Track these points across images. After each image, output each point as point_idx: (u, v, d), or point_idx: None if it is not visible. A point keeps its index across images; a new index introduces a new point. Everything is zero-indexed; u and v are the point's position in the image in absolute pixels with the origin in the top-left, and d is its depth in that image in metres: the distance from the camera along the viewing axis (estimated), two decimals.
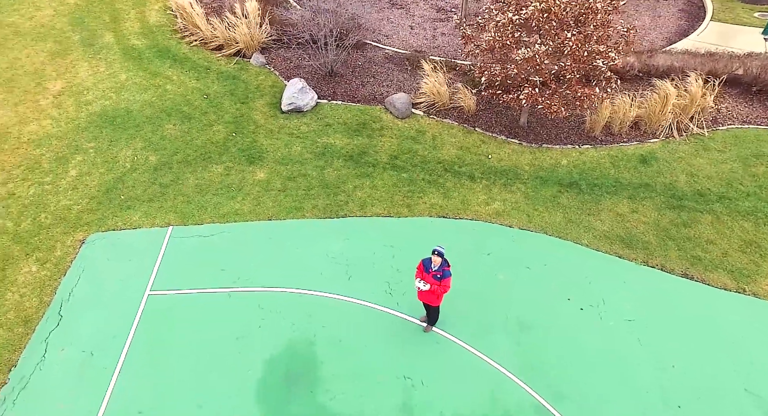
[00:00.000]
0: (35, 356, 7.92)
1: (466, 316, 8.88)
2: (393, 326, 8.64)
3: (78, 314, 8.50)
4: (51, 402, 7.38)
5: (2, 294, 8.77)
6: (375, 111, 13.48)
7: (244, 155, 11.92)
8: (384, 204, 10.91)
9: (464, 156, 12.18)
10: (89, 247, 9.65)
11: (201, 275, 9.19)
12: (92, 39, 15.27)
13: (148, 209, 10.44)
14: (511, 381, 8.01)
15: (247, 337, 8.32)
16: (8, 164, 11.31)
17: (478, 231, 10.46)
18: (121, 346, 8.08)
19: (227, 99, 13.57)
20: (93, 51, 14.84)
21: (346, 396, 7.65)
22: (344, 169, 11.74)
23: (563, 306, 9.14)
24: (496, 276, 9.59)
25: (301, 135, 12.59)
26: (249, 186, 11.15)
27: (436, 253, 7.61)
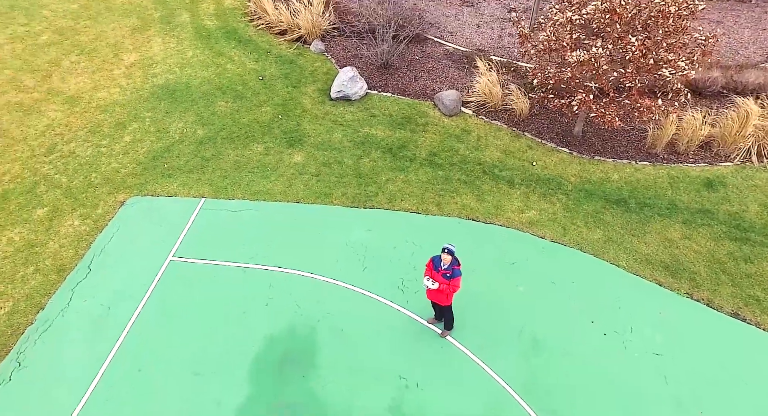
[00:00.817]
0: (61, 303, 8.46)
1: (476, 324, 8.48)
2: (399, 323, 8.41)
3: (105, 270, 8.99)
4: (66, 346, 7.84)
5: (45, 242, 9.45)
6: (423, 106, 13.22)
7: (285, 137, 12.09)
8: (414, 200, 10.67)
9: (507, 160, 11.65)
10: (127, 208, 10.18)
11: (222, 248, 9.42)
12: (170, 17, 16.10)
13: (186, 180, 10.86)
14: (512, 398, 7.55)
15: (252, 313, 8.42)
16: (75, 125, 12.17)
17: (507, 238, 9.96)
18: (135, 305, 8.44)
19: (281, 82, 13.83)
20: (169, 28, 15.65)
21: (337, 386, 7.54)
22: (380, 160, 11.60)
23: (584, 329, 8.49)
24: (516, 287, 9.09)
25: (344, 123, 12.59)
26: (284, 167, 11.30)
27: (446, 251, 7.30)
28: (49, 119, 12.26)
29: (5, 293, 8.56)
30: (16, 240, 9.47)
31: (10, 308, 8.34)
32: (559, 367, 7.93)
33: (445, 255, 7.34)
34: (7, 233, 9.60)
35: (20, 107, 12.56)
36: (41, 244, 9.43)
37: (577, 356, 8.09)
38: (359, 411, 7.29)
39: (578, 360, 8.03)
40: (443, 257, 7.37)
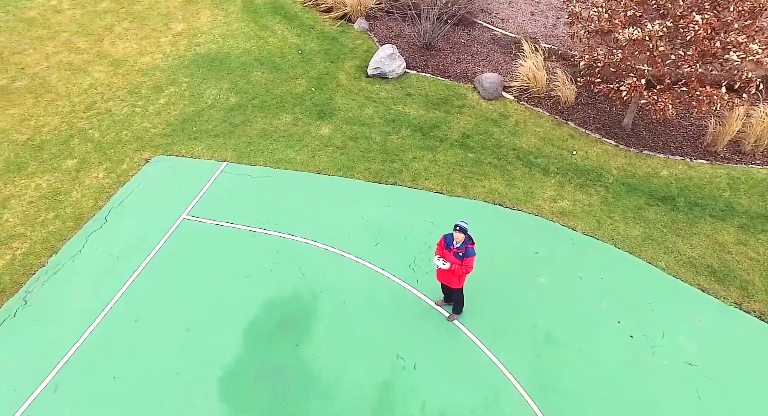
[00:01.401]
0: (74, 249, 8.54)
1: (487, 311, 7.86)
2: (405, 302, 7.92)
3: (120, 222, 9.02)
4: (71, 290, 7.87)
5: (69, 191, 9.61)
6: (462, 89, 12.64)
7: (316, 110, 11.85)
8: (439, 180, 10.12)
9: (544, 148, 10.89)
10: (151, 166, 10.23)
11: (236, 211, 9.25)
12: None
13: (211, 143, 10.80)
14: (516, 392, 6.89)
15: (255, 277, 8.17)
16: (116, 86, 12.43)
17: (534, 227, 9.24)
18: (143, 258, 8.39)
19: (319, 57, 13.62)
20: (219, 1, 15.81)
21: (330, 359, 7.14)
22: (409, 138, 11.13)
23: (608, 329, 7.69)
24: (536, 278, 8.38)
25: (378, 100, 12.20)
26: (310, 139, 11.04)
27: (458, 229, 6.76)
28: (93, 79, 12.58)
29: (24, 235, 8.74)
30: (44, 187, 9.69)
31: (26, 250, 8.49)
32: (574, 366, 7.19)
33: (457, 233, 6.79)
34: (36, 179, 9.84)
35: (70, 67, 12.97)
36: (65, 192, 9.59)
37: (595, 357, 7.31)
38: (347, 384, 6.86)
39: (596, 361, 7.25)
40: (455, 236, 6.83)
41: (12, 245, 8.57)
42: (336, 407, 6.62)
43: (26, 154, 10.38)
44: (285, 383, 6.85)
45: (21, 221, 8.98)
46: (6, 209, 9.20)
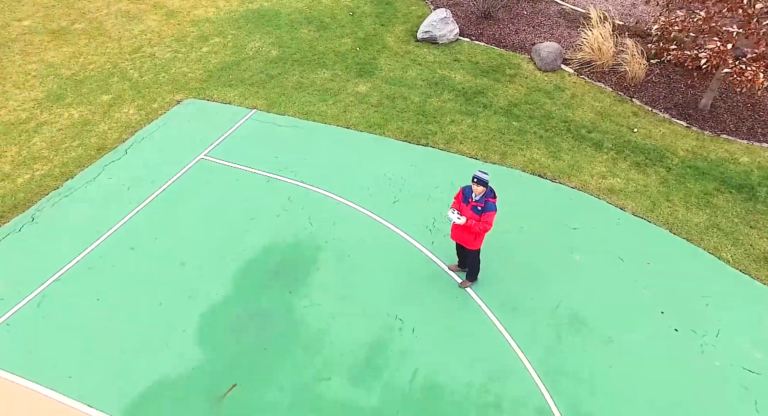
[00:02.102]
0: (89, 176, 8.41)
1: (507, 283, 6.91)
2: (414, 262, 7.12)
3: (138, 155, 8.82)
4: (77, 213, 7.70)
5: (98, 123, 9.56)
6: (516, 58, 11.64)
7: (356, 68, 11.26)
8: (475, 145, 9.22)
9: (600, 123, 9.71)
10: (181, 107, 10.03)
11: (255, 156, 8.81)
12: None
13: (244, 91, 10.47)
14: (526, 374, 5.92)
15: (260, 221, 7.66)
16: (166, 34, 12.43)
17: (576, 201, 8.15)
18: (152, 191, 8.11)
19: (370, 19, 13.05)
20: None
21: (321, 311, 6.48)
22: (450, 102, 10.29)
23: (648, 317, 6.52)
24: (570, 254, 7.31)
25: (423, 63, 11.44)
26: (345, 95, 10.45)
27: (476, 180, 5.89)
28: (145, 26, 12.65)
29: (47, 158, 8.72)
30: (75, 117, 9.70)
31: (45, 172, 8.45)
32: (599, 355, 6.10)
33: (476, 185, 5.92)
34: (71, 110, 9.88)
35: (126, 15, 13.13)
36: (94, 124, 9.55)
37: (627, 347, 6.18)
38: (333, 339, 6.17)
39: (628, 352, 6.13)
40: (474, 188, 5.96)
41: (34, 166, 8.56)
42: (316, 361, 5.95)
43: (68, 87, 10.49)
44: (268, 329, 6.26)
45: (47, 145, 8.99)
46: (37, 134, 9.26)
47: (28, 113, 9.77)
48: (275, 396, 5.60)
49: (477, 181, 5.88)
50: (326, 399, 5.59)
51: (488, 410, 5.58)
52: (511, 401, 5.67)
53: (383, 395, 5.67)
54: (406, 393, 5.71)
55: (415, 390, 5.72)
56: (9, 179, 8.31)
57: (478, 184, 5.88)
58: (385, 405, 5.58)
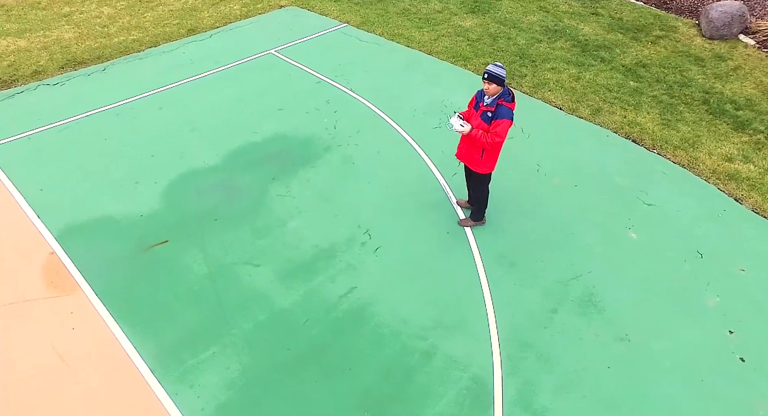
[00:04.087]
0: (168, 49, 8.70)
1: (522, 235, 5.35)
2: (421, 187, 5.92)
3: (218, 40, 8.93)
4: (140, 74, 7.95)
5: (202, 11, 9.91)
6: (675, 21, 9.36)
7: (472, 4, 10.12)
8: (567, 95, 7.50)
9: (761, 102, 7.22)
10: (281, 11, 9.98)
11: (319, 60, 8.31)
12: None
13: (346, 8, 10.03)
14: (486, 341, 4.44)
15: (287, 112, 7.13)
16: None
17: (669, 177, 6.10)
18: (212, 68, 8.09)
19: None
20: None
21: (292, 203, 5.69)
22: (561, 51, 8.59)
23: (704, 330, 4.48)
24: (626, 229, 5.42)
25: (551, 10, 9.83)
26: (446, 26, 9.39)
27: (487, 76, 4.51)
28: None
29: (146, 29, 9.28)
30: (189, 4, 10.22)
31: (137, 38, 8.97)
32: (600, 350, 4.32)
33: (487, 84, 4.54)
34: None
35: None
36: (199, 11, 9.95)
37: (648, 354, 4.27)
38: (288, 231, 5.35)
39: (646, 360, 4.23)
40: (486, 87, 4.58)
41: (132, 32, 9.19)
42: (256, 245, 5.21)
43: None
44: (231, 203, 5.69)
45: (152, 20, 9.60)
46: (152, 11, 9.95)
47: None
48: (195, 263, 5.02)
49: (488, 77, 4.49)
50: (241, 283, 4.84)
51: (411, 356, 4.28)
52: (445, 358, 4.28)
53: (302, 299, 4.72)
54: (328, 306, 4.67)
55: (339, 308, 4.66)
56: (108, 37, 9.02)
57: (490, 80, 4.50)
58: (297, 308, 4.63)
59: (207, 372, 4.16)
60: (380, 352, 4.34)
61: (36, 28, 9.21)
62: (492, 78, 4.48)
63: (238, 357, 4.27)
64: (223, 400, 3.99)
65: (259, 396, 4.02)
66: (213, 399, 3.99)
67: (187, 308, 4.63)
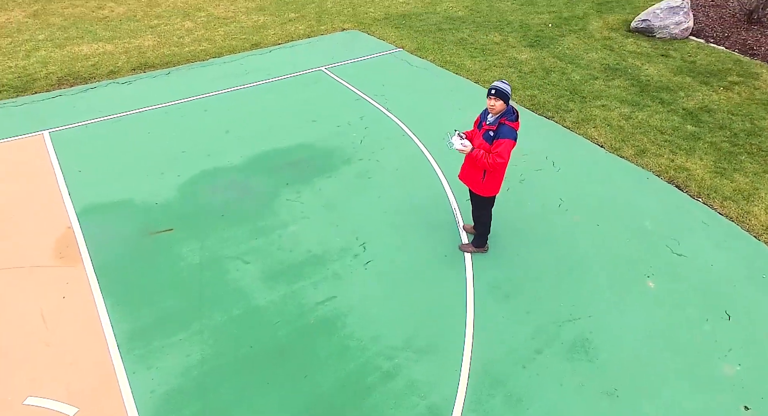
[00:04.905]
0: (229, 60, 9.25)
1: (523, 267, 4.98)
2: (432, 208, 5.72)
3: (276, 56, 9.35)
4: (199, 79, 8.52)
5: (270, 29, 10.51)
6: (758, 68, 8.67)
7: (532, 39, 9.95)
8: (612, 133, 7.06)
9: None
10: (342, 34, 10.37)
11: (364, 79, 8.47)
12: None
13: (405, 34, 10.23)
14: (455, 368, 4.12)
15: (318, 124, 7.27)
16: None
17: (711, 228, 5.49)
18: (262, 79, 8.49)
19: (589, 2, 11.39)
20: None
21: (298, 208, 5.69)
22: (618, 89, 8.16)
23: (713, 395, 3.85)
24: (644, 277, 4.89)
25: (617, 50, 9.45)
26: (500, 57, 9.27)
27: (493, 92, 4.33)
28: None
29: (215, 41, 9.98)
30: (260, 22, 10.88)
31: (205, 48, 9.63)
32: (582, 400, 3.82)
33: (493, 101, 4.35)
34: (262, 17, 11.11)
35: None
36: (267, 29, 10.54)
37: (639, 411, 3.74)
38: (286, 234, 5.33)
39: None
40: (489, 104, 4.39)
41: (203, 43, 9.93)
42: (253, 244, 5.22)
43: (272, 3, 11.90)
44: (241, 202, 5.80)
45: (223, 35, 10.32)
46: (226, 26, 10.71)
47: (232, 13, 11.42)
48: (190, 253, 5.14)
49: (495, 92, 4.30)
50: (227, 277, 4.88)
51: (372, 374, 4.04)
52: (407, 382, 4.00)
53: (280, 300, 4.66)
54: (303, 310, 4.57)
55: (312, 314, 4.54)
56: (181, 46, 9.80)
57: (497, 97, 4.31)
58: (273, 308, 4.57)
59: (168, 357, 4.18)
60: (342, 364, 4.14)
61: (124, 36, 10.22)
62: (499, 94, 4.30)
63: (202, 346, 4.27)
64: (174, 386, 3.97)
65: (209, 387, 3.96)
66: (165, 384, 3.99)
67: (169, 293, 4.72)
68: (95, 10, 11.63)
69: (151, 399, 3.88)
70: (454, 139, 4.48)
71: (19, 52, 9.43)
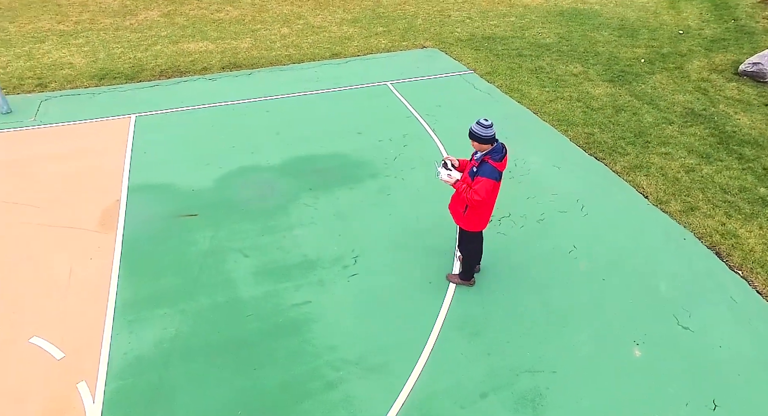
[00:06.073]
0: (306, 67, 9.90)
1: (506, 313, 4.80)
2: (435, 234, 5.73)
3: (349, 67, 9.79)
4: (266, 81, 9.24)
5: (354, 41, 11.03)
6: None
7: (615, 74, 9.41)
8: (665, 186, 6.49)
9: None
10: (420, 51, 10.60)
11: (423, 98, 8.60)
12: None
13: (481, 57, 10.18)
14: (391, 396, 4.14)
15: (361, 137, 7.53)
16: (485, 6, 13.10)
17: (737, 307, 4.91)
18: (327, 87, 8.98)
19: (696, 41, 10.59)
20: None
21: (309, 213, 5.99)
22: (691, 137, 7.50)
23: None
24: (632, 343, 4.47)
25: (711, 93, 8.67)
26: (573, 91, 8.89)
27: (472, 131, 4.24)
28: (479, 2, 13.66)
29: (300, 48, 10.71)
30: (348, 33, 11.44)
31: (289, 54, 10.35)
32: None
33: (473, 142, 4.26)
34: (351, 29, 11.67)
35: None
36: (351, 41, 11.05)
37: None
38: (291, 234, 5.66)
39: None
40: (474, 143, 4.33)
41: (289, 49, 10.71)
42: (260, 239, 5.64)
43: (370, 17, 12.45)
44: (263, 200, 6.25)
45: (309, 44, 11.01)
46: (315, 35, 11.43)
47: (327, 23, 12.15)
48: (203, 239, 5.66)
49: (473, 132, 4.24)
50: (225, 266, 5.29)
51: (315, 381, 4.19)
52: (344, 396, 4.08)
53: (261, 296, 4.97)
54: (278, 310, 4.83)
55: (284, 314, 4.79)
56: (270, 50, 10.65)
57: (470, 138, 4.26)
58: (251, 302, 4.85)
59: (149, 327, 4.70)
60: (291, 366, 4.36)
61: (227, 37, 11.37)
62: (470, 136, 4.25)
63: (179, 324, 4.72)
64: (144, 352, 4.46)
65: (171, 361, 4.39)
66: (137, 349, 4.49)
67: (171, 272, 5.27)
68: (214, 12, 13.05)
69: (122, 360, 4.40)
70: (441, 168, 4.47)
71: (142, 45, 10.92)
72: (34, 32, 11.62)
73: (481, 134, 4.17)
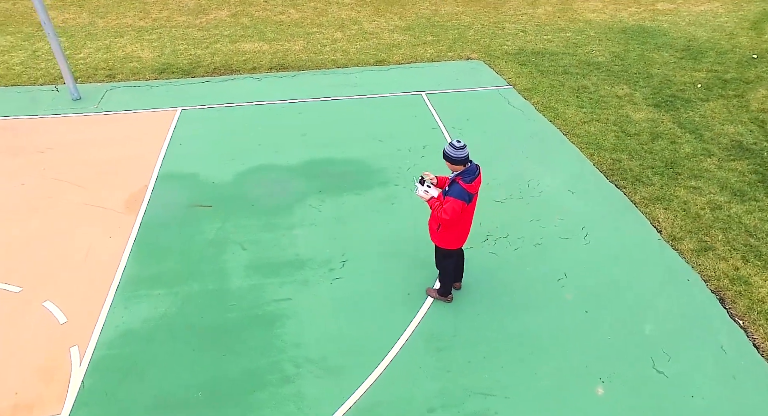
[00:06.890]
0: (347, 72, 10.21)
1: (477, 334, 4.80)
2: (426, 250, 5.80)
3: (387, 74, 9.98)
4: (303, 84, 9.64)
5: (400, 48, 11.20)
6: None
7: (664, 98, 9.01)
8: (683, 222, 6.14)
9: None
10: (464, 62, 10.56)
11: (454, 111, 8.62)
12: None
13: (523, 72, 10.01)
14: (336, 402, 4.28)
15: (382, 145, 7.68)
16: (547, 20, 12.84)
17: (725, 359, 4.61)
18: (358, 94, 9.22)
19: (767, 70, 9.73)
20: None
21: (313, 214, 6.22)
22: (729, 172, 7.06)
23: None
24: (597, 381, 4.33)
25: (765, 125, 8.04)
26: (609, 112, 8.57)
27: (449, 150, 4.26)
28: (535, 11, 13.40)
29: (346, 53, 11.04)
30: (397, 41, 11.62)
31: (335, 59, 10.75)
32: None
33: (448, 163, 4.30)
34: (401, 37, 11.85)
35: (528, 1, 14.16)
36: (398, 48, 11.20)
37: None
38: (290, 233, 5.93)
39: None
40: (446, 162, 4.36)
41: (336, 54, 11.04)
42: (261, 235, 5.97)
43: (429, 27, 12.56)
44: (273, 197, 6.56)
45: (357, 50, 11.29)
46: (365, 41, 11.72)
47: (379, 30, 12.38)
48: (210, 229, 6.05)
49: (443, 156, 4.31)
50: (223, 256, 5.66)
51: (273, 374, 4.41)
52: (295, 392, 4.28)
53: (247, 288, 5.26)
54: (258, 303, 5.10)
55: (263, 307, 5.07)
56: (318, 54, 11.06)
57: (446, 159, 4.31)
58: (236, 293, 5.16)
59: (143, 304, 5.14)
60: (257, 357, 4.62)
61: (282, 39, 11.94)
62: (444, 156, 4.30)
63: (169, 306, 5.13)
64: (132, 327, 4.90)
65: (153, 338, 4.78)
66: (127, 323, 4.94)
67: (175, 257, 5.71)
68: (277, 14, 13.71)
69: (113, 331, 4.86)
70: (418, 184, 4.53)
71: (204, 43, 11.72)
72: (118, 28, 12.78)
73: (453, 155, 4.22)
